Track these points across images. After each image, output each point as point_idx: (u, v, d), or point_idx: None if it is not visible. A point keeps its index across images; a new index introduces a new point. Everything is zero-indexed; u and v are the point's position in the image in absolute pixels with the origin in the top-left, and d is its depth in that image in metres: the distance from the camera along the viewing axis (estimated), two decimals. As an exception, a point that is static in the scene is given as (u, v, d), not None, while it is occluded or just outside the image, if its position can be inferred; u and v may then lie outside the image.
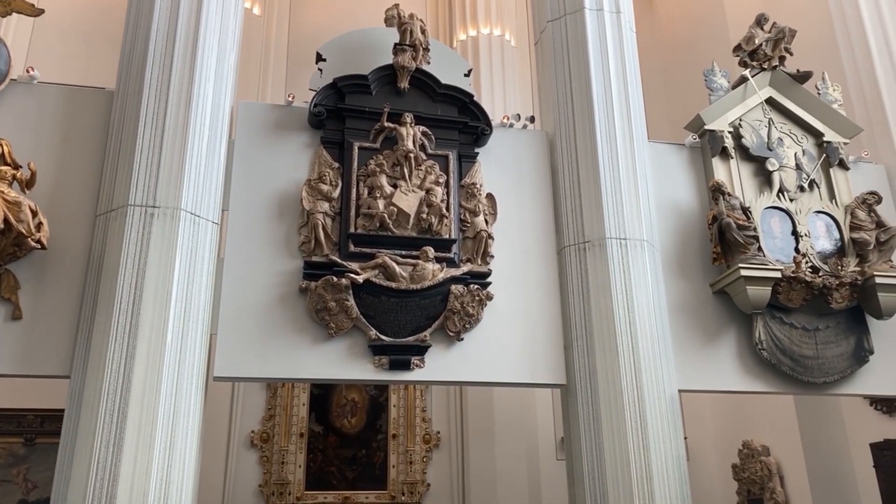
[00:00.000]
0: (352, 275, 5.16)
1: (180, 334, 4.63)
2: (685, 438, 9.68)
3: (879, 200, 6.29)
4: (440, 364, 5.35)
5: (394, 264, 5.24)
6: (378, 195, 5.41)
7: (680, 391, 5.65)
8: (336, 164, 5.53)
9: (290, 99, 5.79)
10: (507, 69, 9.92)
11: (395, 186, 5.49)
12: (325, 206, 5.35)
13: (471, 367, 5.42)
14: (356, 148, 5.59)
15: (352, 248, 5.31)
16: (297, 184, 5.48)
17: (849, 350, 6.03)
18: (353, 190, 5.46)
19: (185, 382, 4.58)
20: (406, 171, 5.53)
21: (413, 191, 5.48)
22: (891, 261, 6.10)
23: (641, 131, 6.10)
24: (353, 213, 5.39)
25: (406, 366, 5.22)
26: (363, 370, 5.21)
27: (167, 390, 4.46)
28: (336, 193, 5.43)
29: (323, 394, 9.09)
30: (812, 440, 8.15)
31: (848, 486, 7.91)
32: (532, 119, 6.33)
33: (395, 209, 5.39)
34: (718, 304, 6.01)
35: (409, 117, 5.63)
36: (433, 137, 5.74)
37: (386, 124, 5.61)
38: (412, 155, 5.55)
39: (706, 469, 9.65)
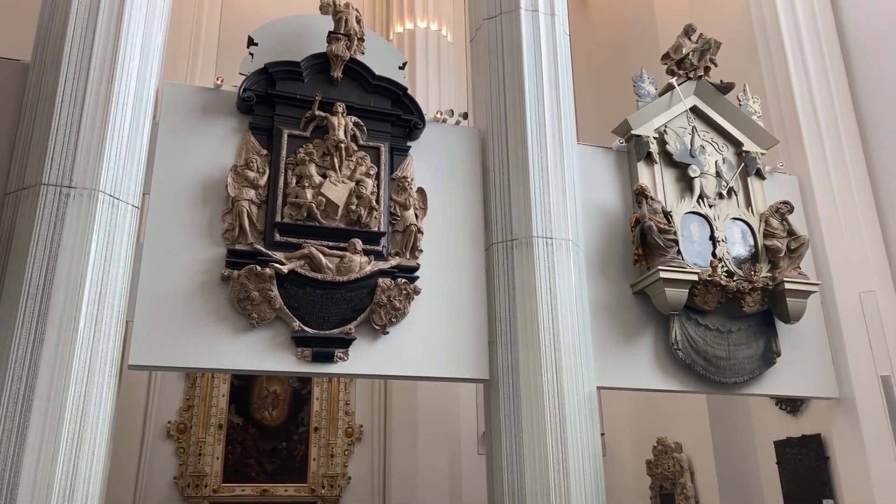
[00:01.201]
0: (276, 264, 5.07)
1: (94, 320, 4.45)
2: (602, 434, 9.95)
3: (791, 210, 6.58)
4: (365, 357, 5.32)
5: (320, 255, 5.18)
6: (307, 184, 5.33)
7: (598, 388, 5.79)
8: (264, 151, 5.43)
9: (218, 82, 5.65)
10: (442, 64, 9.94)
11: (324, 176, 5.42)
12: (252, 193, 5.24)
13: (396, 361, 5.42)
14: (286, 135, 5.49)
15: (277, 237, 5.22)
16: (222, 169, 5.35)
17: (758, 352, 6.30)
18: (281, 178, 5.36)
19: (98, 370, 4.41)
20: (336, 161, 5.46)
21: (343, 181, 5.42)
22: (799, 268, 6.40)
23: (571, 133, 6.21)
24: (280, 201, 5.30)
25: (329, 358, 5.17)
26: (285, 362, 5.14)
27: (77, 378, 4.28)
28: (263, 181, 5.32)
29: (244, 385, 8.92)
30: (722, 438, 8.49)
31: (753, 481, 8.28)
32: (465, 116, 6.36)
33: (324, 199, 5.33)
34: (638, 305, 6.19)
35: (341, 107, 5.57)
36: (365, 128, 5.70)
37: (317, 113, 5.53)
38: (343, 145, 5.49)
39: (622, 465, 9.94)
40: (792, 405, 7.76)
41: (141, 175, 5.03)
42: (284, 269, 5.07)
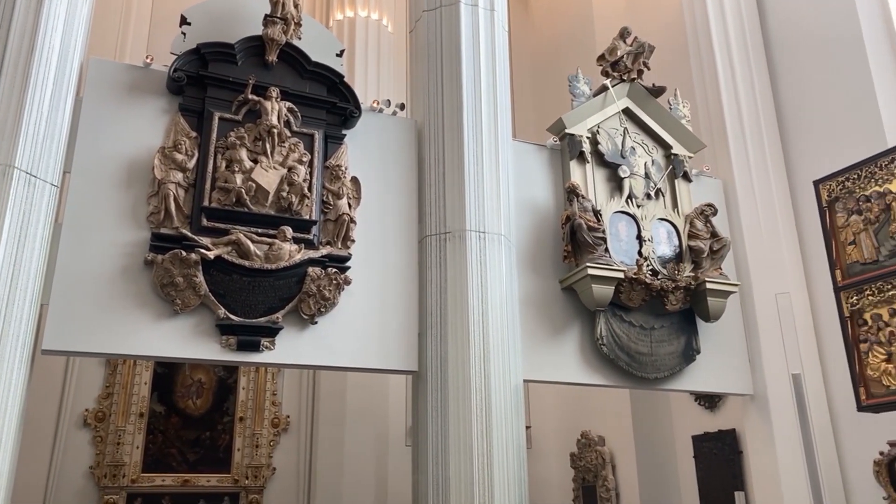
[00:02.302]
0: (203, 250, 4.95)
1: (5, 302, 4.27)
2: (528, 427, 10.15)
3: (715, 212, 6.81)
4: (292, 347, 5.26)
5: (248, 242, 5.08)
6: (237, 169, 5.22)
7: (525, 381, 5.88)
8: (193, 134, 5.29)
9: (148, 61, 5.47)
10: (382, 54, 9.87)
11: (255, 162, 5.32)
12: (179, 176, 5.10)
13: (324, 352, 5.37)
14: (216, 118, 5.36)
15: (205, 222, 5.10)
16: (149, 150, 5.19)
17: (679, 349, 6.51)
18: (211, 162, 5.23)
19: (8, 354, 4.23)
20: (268, 146, 5.36)
21: (274, 168, 5.33)
22: (721, 268, 6.63)
23: (507, 129, 6.27)
24: (208, 185, 5.17)
25: (255, 347, 5.08)
26: (209, 350, 5.03)
27: (-15, 362, 4.09)
28: (191, 164, 5.18)
29: (167, 373, 8.69)
30: (643, 432, 8.74)
31: (671, 474, 8.57)
32: (402, 106, 6.34)
33: (254, 185, 5.23)
34: (566, 300, 6.31)
35: (275, 92, 5.47)
36: (299, 115, 5.61)
37: (250, 97, 5.42)
38: (276, 131, 5.40)
39: (547, 457, 10.12)
40: (710, 401, 8.05)
41: (61, 152, 4.84)
42: (211, 254, 4.96)
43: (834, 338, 6.15)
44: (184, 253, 4.91)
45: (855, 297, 5.60)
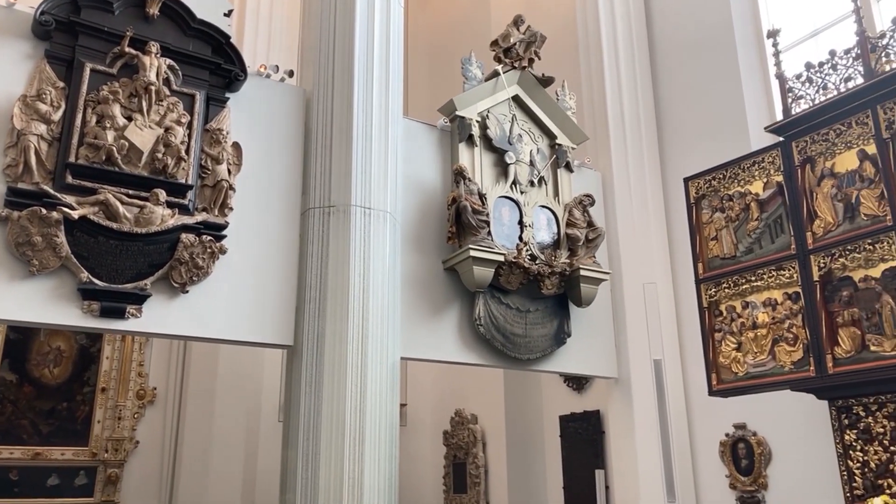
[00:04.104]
0: (66, 209, 4.63)
1: None
2: (404, 405, 10.24)
3: (593, 203, 7.07)
4: (160, 316, 5.04)
5: (118, 203, 4.80)
6: (108, 125, 4.90)
7: (403, 359, 5.92)
8: (61, 84, 4.91)
9: (11, 0, 5.01)
10: (273, 18, 9.53)
11: (129, 119, 5.02)
12: (42, 128, 4.73)
13: (194, 322, 5.18)
14: (88, 69, 5.01)
15: (69, 179, 4.77)
16: (9, 98, 4.78)
17: (552, 332, 6.74)
18: (79, 115, 4.89)
19: None
20: (144, 104, 5.07)
21: (150, 127, 5.05)
22: (594, 257, 6.90)
23: (398, 105, 6.23)
24: (75, 140, 4.83)
25: (120, 314, 4.83)
26: (69, 315, 4.73)
27: None
28: (57, 116, 4.82)
29: (21, 339, 8.08)
30: (513, 411, 9.02)
31: (538, 452, 8.90)
32: (291, 74, 6.16)
33: (127, 143, 4.93)
34: (447, 281, 6.38)
35: (154, 47, 5.17)
36: (180, 73, 5.34)
37: (127, 50, 5.10)
38: (154, 88, 5.11)
39: (421, 434, 10.26)
40: (577, 383, 8.41)
41: None
42: (74, 214, 4.65)
43: (693, 327, 6.57)
44: (44, 211, 4.57)
45: (713, 290, 6.00)
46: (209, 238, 5.15)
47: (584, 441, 8.22)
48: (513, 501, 8.71)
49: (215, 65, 5.49)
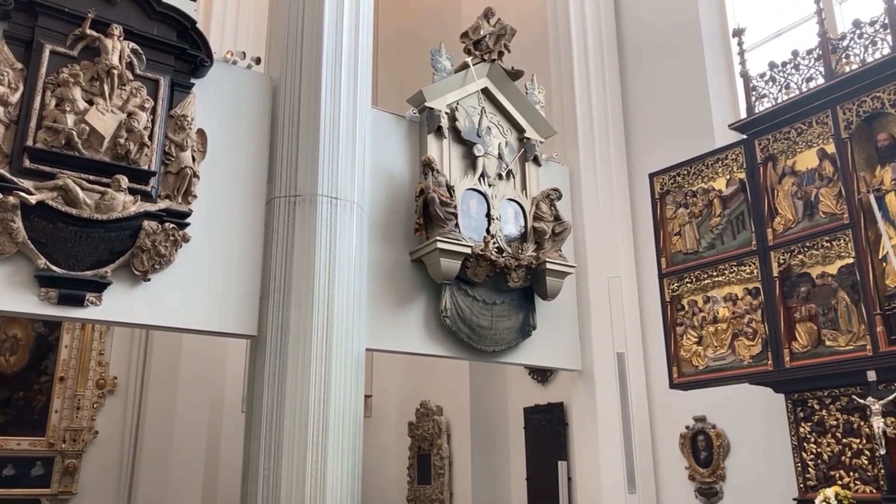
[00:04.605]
0: (23, 193, 4.51)
1: None
2: (369, 396, 10.22)
3: (560, 197, 7.11)
4: (121, 304, 4.95)
5: (77, 189, 4.69)
6: (68, 109, 4.79)
7: (368, 350, 5.90)
8: (19, 65, 4.79)
9: (-33, -22, 4.86)
10: (241, 4, 9.38)
11: (91, 103, 4.91)
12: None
13: (156, 310, 5.10)
14: (47, 51, 4.88)
15: (27, 163, 4.65)
16: (-36, 78, 4.64)
17: (517, 324, 6.78)
18: (38, 98, 4.77)
19: None
20: (107, 88, 4.96)
21: (112, 111, 4.94)
22: (560, 251, 6.95)
23: (366, 95, 6.19)
24: (33, 123, 4.71)
25: (79, 302, 4.73)
26: (25, 302, 4.63)
27: None
28: (15, 98, 4.69)
29: (-25, 327, 7.89)
30: (479, 403, 9.07)
31: (502, 444, 8.96)
32: (258, 61, 6.08)
33: (88, 128, 4.82)
34: (414, 272, 6.38)
35: (117, 30, 5.06)
36: (144, 58, 5.24)
37: (88, 32, 4.98)
38: (116, 72, 5.00)
39: (386, 425, 10.26)
40: (542, 375, 8.48)
41: None
42: (32, 199, 4.53)
43: (656, 321, 6.65)
44: (0, 195, 4.45)
45: (676, 284, 6.09)
46: (172, 226, 5.07)
47: (547, 433, 8.30)
48: (476, 493, 8.76)
49: (180, 50, 5.40)
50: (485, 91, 7.11)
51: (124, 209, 4.84)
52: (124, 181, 4.86)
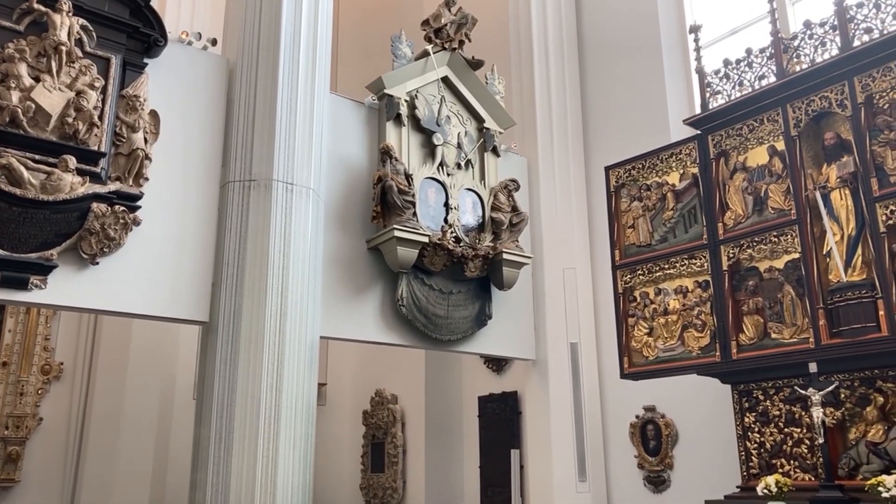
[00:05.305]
0: (-36, 172, 4.36)
1: None
2: (324, 385, 10.17)
3: (518, 188, 7.15)
4: (67, 287, 4.83)
5: (22, 168, 4.54)
6: (13, 85, 4.63)
7: (323, 338, 5.86)
8: (-39, 39, 4.61)
9: None
10: (198, -16, 9.17)
11: (37, 80, 4.75)
12: (-61, 84, 4.44)
13: (105, 295, 4.99)
14: (-8, 25, 4.71)
15: (-32, 140, 4.49)
16: None
17: (473, 314, 6.81)
18: (-19, 73, 4.60)
19: None
20: (54, 65, 4.81)
21: (60, 89, 4.79)
22: (517, 241, 6.99)
23: (325, 80, 6.12)
24: (-25, 99, 4.55)
25: (23, 285, 4.61)
26: (-35, 285, 4.48)
27: None
28: (-44, 72, 4.52)
29: (-86, 310, 7.61)
30: (434, 391, 9.10)
31: (456, 432, 9.01)
32: (214, 42, 5.97)
33: (34, 106, 4.67)
34: (371, 260, 6.35)
35: (66, 5, 4.89)
36: (94, 35, 5.08)
37: (36, 6, 4.82)
38: (65, 49, 4.84)
39: (340, 414, 10.23)
40: (497, 364, 8.54)
41: None
42: (-26, 178, 4.38)
43: (609, 312, 6.74)
44: (-61, 173, 4.30)
45: (628, 276, 6.18)
46: (122, 208, 4.95)
47: (501, 421, 8.37)
48: (430, 481, 8.80)
49: (133, 28, 5.26)
50: (445, 80, 7.10)
51: (72, 190, 4.70)
52: (72, 161, 4.72)
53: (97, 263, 4.91)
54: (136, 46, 5.31)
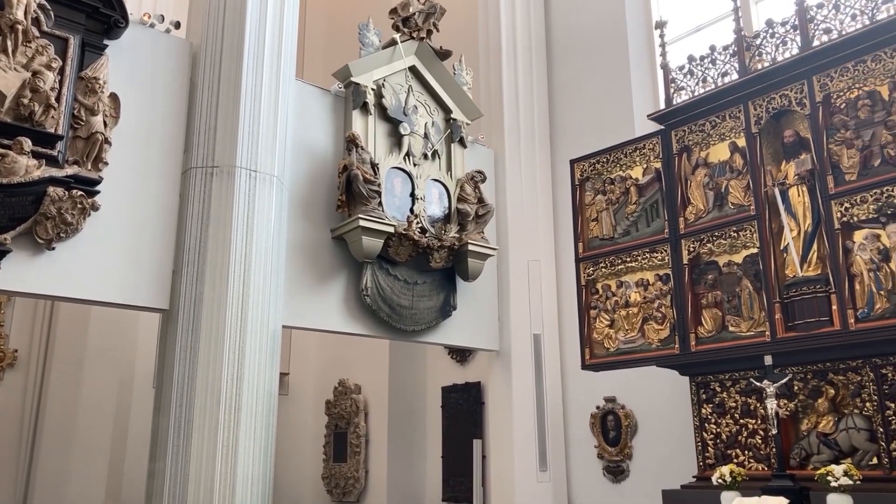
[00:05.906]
0: (-88, 152, 4.22)
1: None
2: (287, 374, 10.11)
3: (484, 179, 7.15)
4: (22, 273, 4.71)
5: (-26, 150, 4.42)
6: (-34, 64, 4.50)
7: (285, 327, 5.82)
8: (-89, 14, 4.45)
9: None
10: (163, -35, 8.98)
11: (-9, 59, 4.62)
12: None
13: (61, 281, 4.89)
14: (-56, 1, 4.56)
15: (-82, 120, 4.35)
16: None
17: (438, 304, 6.82)
18: (-68, 51, 4.46)
19: None
20: (9, 44, 4.67)
21: (15, 69, 4.66)
22: (483, 233, 7.01)
23: (291, 67, 6.05)
24: (-74, 78, 4.40)
25: (-25, 269, 4.48)
26: (-87, 268, 4.34)
27: None
28: None
29: None
30: (397, 381, 9.11)
31: (419, 422, 9.04)
32: (178, 25, 5.84)
33: (-12, 86, 4.54)
34: (335, 250, 6.31)
35: (23, -18, 4.76)
36: (52, 14, 4.95)
37: (-10, -18, 4.67)
38: (20, 28, 4.70)
39: (303, 404, 10.18)
40: (461, 355, 8.58)
41: None
42: (-77, 159, 4.25)
43: (572, 303, 6.81)
44: None
45: (591, 269, 6.25)
46: (80, 193, 4.84)
47: (464, 412, 8.41)
48: (392, 470, 8.82)
49: (92, 8, 5.12)
50: (412, 69, 7.06)
51: (27, 173, 4.58)
52: (27, 144, 4.60)
53: (53, 249, 4.80)
54: (96, 27, 5.19)
